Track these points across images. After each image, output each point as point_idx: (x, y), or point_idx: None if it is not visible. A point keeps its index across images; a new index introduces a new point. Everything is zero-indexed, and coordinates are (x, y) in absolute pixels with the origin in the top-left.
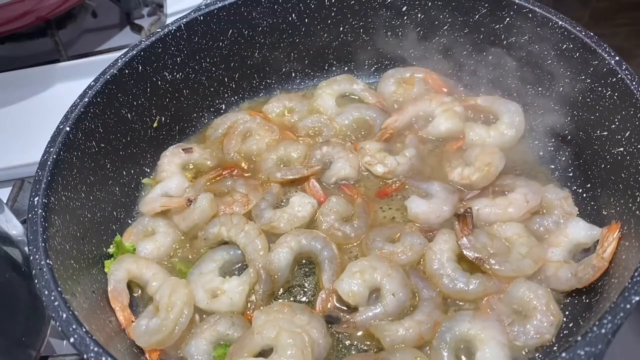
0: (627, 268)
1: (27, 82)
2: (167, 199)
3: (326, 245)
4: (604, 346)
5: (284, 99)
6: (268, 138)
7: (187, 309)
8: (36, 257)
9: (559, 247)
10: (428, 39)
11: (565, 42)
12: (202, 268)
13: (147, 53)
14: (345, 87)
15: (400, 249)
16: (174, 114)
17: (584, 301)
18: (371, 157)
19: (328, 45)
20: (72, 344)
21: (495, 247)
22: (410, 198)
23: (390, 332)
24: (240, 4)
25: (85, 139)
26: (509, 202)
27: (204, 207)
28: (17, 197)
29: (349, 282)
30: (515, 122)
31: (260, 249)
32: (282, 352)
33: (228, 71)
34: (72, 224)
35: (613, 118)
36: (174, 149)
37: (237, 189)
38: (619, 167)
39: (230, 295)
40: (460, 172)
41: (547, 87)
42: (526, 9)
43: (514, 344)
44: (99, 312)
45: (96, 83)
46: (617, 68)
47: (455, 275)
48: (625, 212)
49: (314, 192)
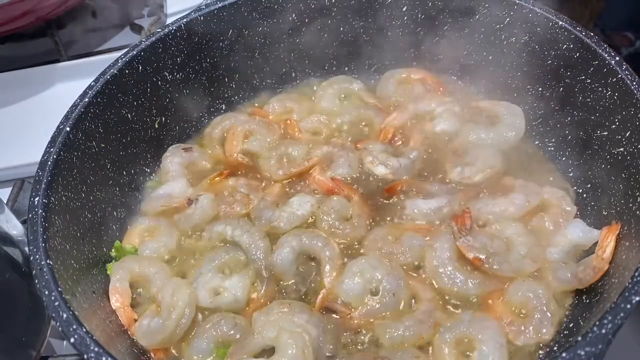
0: (628, 268)
1: (27, 82)
2: (167, 199)
3: (327, 244)
4: (604, 346)
5: (284, 99)
6: (269, 138)
7: (189, 309)
8: (36, 257)
9: (558, 247)
10: (428, 39)
11: (565, 42)
12: (203, 268)
13: (147, 53)
14: (345, 87)
15: (400, 249)
16: (174, 114)
17: (584, 301)
18: (373, 157)
19: (328, 45)
20: (73, 344)
21: (494, 247)
22: (410, 198)
23: (391, 331)
24: (240, 4)
25: (86, 139)
26: (509, 202)
27: (204, 207)
28: (18, 197)
29: (349, 281)
30: (516, 124)
31: (263, 250)
32: (283, 352)
33: (228, 71)
34: (72, 224)
35: (613, 118)
36: (174, 149)
37: (238, 188)
38: (619, 167)
39: (233, 292)
40: (460, 171)
41: (547, 87)
42: (526, 9)
43: (514, 344)
44: (100, 312)
45: (96, 83)
46: (617, 68)
47: (455, 275)
48: (625, 212)
49: (321, 183)
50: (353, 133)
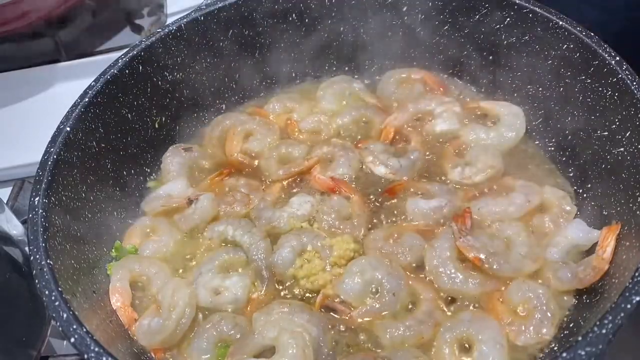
0: (628, 268)
1: (27, 82)
2: (167, 199)
3: (328, 243)
4: (604, 346)
5: (284, 99)
6: (269, 138)
7: (189, 309)
8: (37, 257)
9: (558, 247)
10: (428, 39)
11: (565, 42)
12: (203, 267)
13: (148, 53)
14: (345, 87)
15: (400, 249)
16: (174, 114)
17: (585, 301)
18: (374, 157)
19: (328, 45)
20: (73, 344)
21: (494, 246)
22: (411, 198)
23: (391, 331)
24: (240, 4)
25: (86, 139)
26: (509, 202)
27: (205, 207)
28: (18, 197)
29: (349, 281)
30: (516, 125)
31: (264, 250)
32: (283, 351)
33: (228, 71)
34: (72, 224)
35: (613, 118)
36: (174, 149)
37: (238, 188)
38: (619, 167)
39: (234, 291)
40: (461, 171)
41: (547, 87)
42: (526, 9)
43: (514, 344)
44: (100, 312)
45: (96, 83)
46: (617, 68)
47: (455, 274)
48: (625, 212)
49: (322, 182)
50: (353, 133)
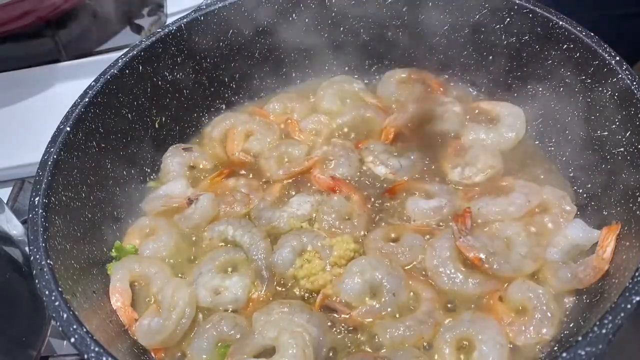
0: (628, 268)
1: (27, 82)
2: (167, 199)
3: (328, 243)
4: (604, 346)
5: (284, 99)
6: (269, 138)
7: (189, 309)
8: (37, 257)
9: (558, 247)
10: (428, 39)
11: (565, 42)
12: (203, 267)
13: (147, 53)
14: (345, 87)
15: (400, 249)
16: (174, 114)
17: (584, 301)
18: (374, 157)
19: (328, 46)
20: (73, 344)
21: (494, 246)
22: (411, 198)
23: (391, 331)
24: (240, 4)
25: (86, 139)
26: (509, 202)
27: (205, 207)
28: (18, 197)
29: (349, 281)
30: (517, 125)
31: (264, 250)
32: (283, 351)
33: (228, 71)
34: (72, 224)
35: (613, 118)
36: (175, 149)
37: (238, 188)
38: (619, 167)
39: (234, 291)
40: (460, 171)
41: (547, 87)
42: (526, 9)
43: (514, 344)
44: (100, 312)
45: (96, 83)
46: (617, 68)
47: (455, 274)
48: (625, 212)
49: (322, 182)
50: (353, 133)
